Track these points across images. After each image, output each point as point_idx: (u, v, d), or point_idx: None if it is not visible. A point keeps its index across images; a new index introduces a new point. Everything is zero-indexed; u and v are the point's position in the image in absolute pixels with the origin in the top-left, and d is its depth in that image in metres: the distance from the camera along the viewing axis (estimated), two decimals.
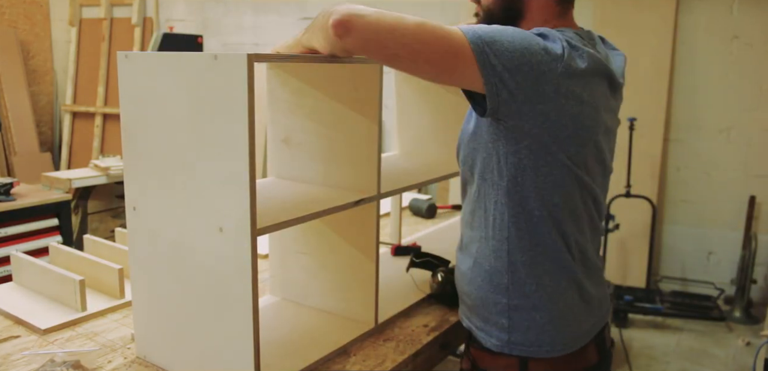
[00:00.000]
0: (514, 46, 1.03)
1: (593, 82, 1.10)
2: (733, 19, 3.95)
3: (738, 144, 4.04)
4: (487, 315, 1.22)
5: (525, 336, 1.18)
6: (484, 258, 1.20)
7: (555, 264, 1.16)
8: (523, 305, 1.17)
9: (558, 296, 1.17)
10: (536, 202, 1.13)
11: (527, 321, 1.18)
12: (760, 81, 3.93)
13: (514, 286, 1.17)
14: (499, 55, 1.02)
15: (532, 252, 1.15)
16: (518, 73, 1.02)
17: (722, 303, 4.07)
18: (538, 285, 1.16)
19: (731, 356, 3.48)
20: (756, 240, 3.92)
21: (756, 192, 4.01)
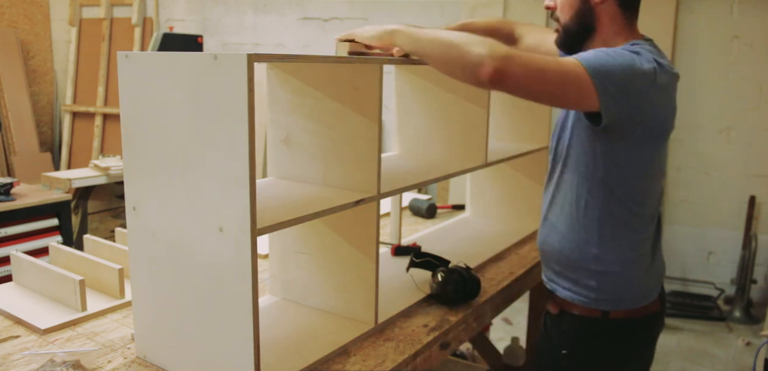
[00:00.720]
0: (623, 72, 1.27)
1: (669, 90, 1.37)
2: (733, 19, 3.95)
3: (738, 144, 4.04)
4: (576, 278, 1.50)
5: (608, 295, 1.47)
6: (572, 233, 1.48)
7: (634, 239, 1.45)
8: (608, 271, 1.46)
9: (635, 264, 1.46)
10: (623, 190, 1.40)
11: (611, 284, 1.47)
12: (760, 81, 3.93)
13: (601, 256, 1.45)
14: (612, 82, 1.26)
15: (616, 230, 1.44)
16: (625, 94, 1.28)
17: (722, 303, 4.07)
18: (620, 255, 1.45)
19: (731, 356, 3.48)
20: (756, 240, 3.92)
21: (756, 192, 4.01)
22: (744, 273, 3.91)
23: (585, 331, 1.52)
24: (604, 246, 1.45)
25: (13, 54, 5.79)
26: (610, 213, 1.43)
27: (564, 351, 1.54)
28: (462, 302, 1.57)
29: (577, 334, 1.53)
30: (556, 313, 1.57)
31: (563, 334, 1.55)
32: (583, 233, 1.47)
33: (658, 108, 1.34)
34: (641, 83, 1.29)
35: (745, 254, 3.93)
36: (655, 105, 1.33)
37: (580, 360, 1.53)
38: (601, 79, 1.24)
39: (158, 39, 3.40)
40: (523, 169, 2.29)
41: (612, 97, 1.26)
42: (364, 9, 5.04)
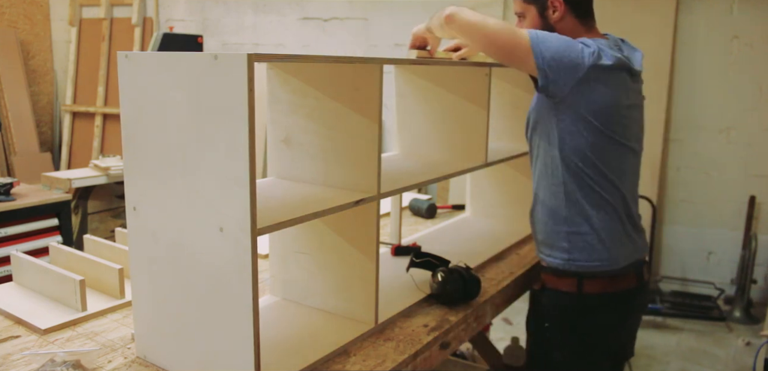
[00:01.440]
0: (559, 44, 1.52)
1: (615, 74, 1.56)
2: (733, 19, 3.95)
3: (738, 144, 4.04)
4: (552, 242, 1.68)
5: (581, 254, 1.63)
6: (547, 199, 1.67)
7: (600, 202, 1.61)
8: (577, 231, 1.63)
9: (603, 225, 1.61)
10: (579, 156, 1.59)
11: (582, 243, 1.62)
12: (760, 81, 3.93)
13: (570, 218, 1.63)
14: (547, 48, 1.51)
15: (581, 193, 1.61)
16: (559, 62, 1.50)
17: (722, 303, 4.07)
18: (588, 216, 1.61)
19: (731, 356, 3.48)
20: (756, 240, 3.92)
21: (756, 192, 4.01)
22: (744, 273, 3.91)
23: (563, 305, 1.68)
24: (571, 209, 1.63)
25: (13, 54, 5.79)
26: (574, 178, 1.61)
27: (547, 324, 1.72)
28: (462, 302, 1.57)
29: (556, 308, 1.70)
30: (538, 289, 1.76)
31: (545, 307, 1.73)
32: (554, 199, 1.65)
33: (597, 84, 1.53)
34: (578, 57, 1.51)
35: (745, 254, 3.93)
36: (593, 80, 1.53)
37: (561, 331, 1.70)
38: (538, 45, 1.50)
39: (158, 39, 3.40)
40: (523, 169, 2.29)
41: (545, 61, 1.50)
42: (364, 9, 5.04)
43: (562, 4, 1.63)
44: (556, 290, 1.69)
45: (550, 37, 1.53)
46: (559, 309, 1.70)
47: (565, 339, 1.69)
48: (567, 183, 1.62)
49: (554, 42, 1.52)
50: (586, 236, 1.62)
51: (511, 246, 2.09)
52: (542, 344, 1.77)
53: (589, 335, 1.67)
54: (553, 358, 1.72)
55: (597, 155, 1.58)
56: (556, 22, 1.64)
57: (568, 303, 1.67)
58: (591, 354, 1.69)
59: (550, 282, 1.71)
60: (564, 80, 1.52)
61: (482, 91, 1.84)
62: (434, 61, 1.76)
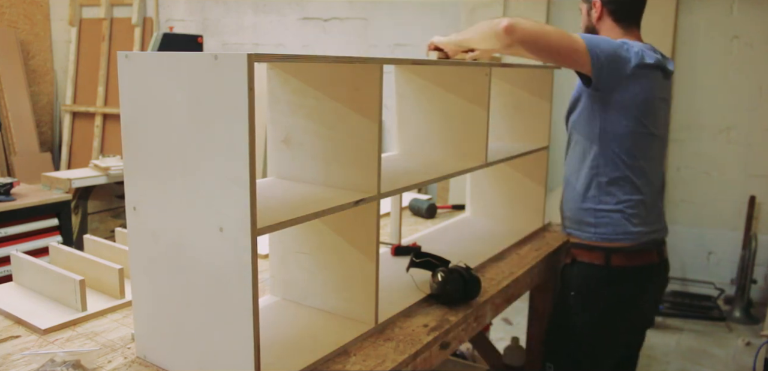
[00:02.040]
0: (610, 46, 1.75)
1: (654, 72, 1.80)
2: (733, 19, 3.95)
3: (738, 144, 4.04)
4: (580, 218, 1.90)
5: (606, 229, 1.84)
6: (579, 181, 1.89)
7: (628, 186, 1.82)
8: (604, 209, 1.84)
9: (629, 205, 1.82)
10: (617, 143, 1.80)
11: (607, 219, 1.83)
12: (760, 81, 3.93)
13: (598, 198, 1.85)
14: (601, 50, 1.73)
15: (613, 176, 1.82)
16: (613, 63, 1.74)
17: (722, 303, 4.07)
18: (616, 196, 1.83)
19: (731, 356, 3.48)
20: (756, 240, 3.92)
21: (756, 192, 4.01)
22: (744, 273, 3.91)
23: (590, 275, 1.88)
24: (600, 189, 1.84)
25: (13, 54, 5.79)
26: (608, 163, 1.82)
27: (572, 293, 1.92)
28: (462, 302, 1.57)
29: (584, 278, 1.89)
30: (569, 262, 1.94)
31: (572, 278, 1.92)
32: (585, 181, 1.86)
33: (640, 79, 1.76)
34: (624, 56, 1.75)
35: (745, 254, 3.93)
36: (637, 77, 1.76)
37: (586, 301, 1.89)
38: (593, 48, 1.71)
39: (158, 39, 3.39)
40: (523, 169, 2.29)
41: (600, 61, 1.72)
42: (364, 9, 5.04)
43: (600, 7, 1.90)
44: (585, 262, 1.88)
45: (601, 39, 1.75)
46: (587, 279, 1.89)
47: (589, 307, 1.89)
48: (600, 166, 1.83)
49: (605, 44, 1.74)
50: (612, 214, 1.83)
51: (511, 246, 2.09)
52: (565, 312, 1.95)
53: (611, 304, 1.87)
54: (574, 324, 1.91)
55: (633, 141, 1.80)
56: (596, 21, 1.92)
57: (596, 273, 1.86)
58: (611, 322, 1.89)
59: (579, 255, 1.90)
60: (614, 77, 1.74)
61: (482, 92, 1.84)
62: (434, 61, 1.76)
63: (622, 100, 1.77)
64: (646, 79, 1.77)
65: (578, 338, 1.91)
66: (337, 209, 1.26)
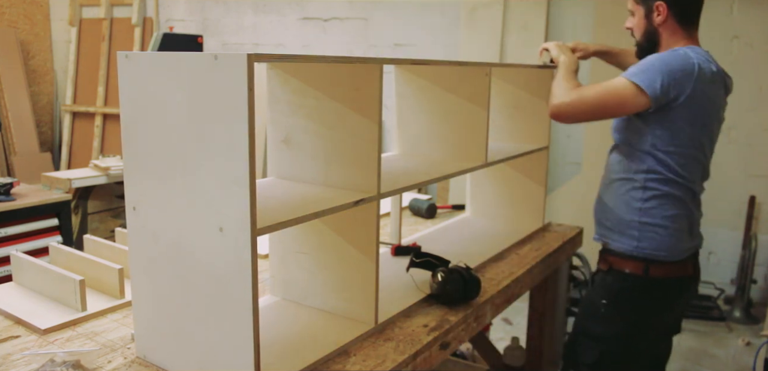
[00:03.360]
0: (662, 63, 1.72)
1: (715, 87, 1.78)
2: (733, 19, 3.95)
3: (738, 144, 4.04)
4: (623, 229, 1.86)
5: (649, 244, 1.82)
6: (626, 193, 1.85)
7: (675, 202, 1.80)
8: (649, 223, 1.81)
9: (674, 221, 1.81)
10: (671, 160, 1.77)
11: (652, 234, 1.81)
12: (760, 81, 3.93)
13: (645, 211, 1.82)
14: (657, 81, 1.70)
15: (661, 191, 1.80)
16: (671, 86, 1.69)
17: (722, 303, 4.07)
18: (662, 212, 1.80)
19: (731, 356, 3.48)
20: (756, 240, 3.92)
21: (756, 192, 4.01)
22: (744, 273, 3.91)
23: (628, 285, 1.86)
24: (647, 203, 1.81)
25: (13, 54, 5.79)
26: (658, 178, 1.79)
27: (604, 301, 1.88)
28: (462, 302, 1.57)
29: (621, 287, 1.87)
30: (606, 269, 1.91)
31: (607, 287, 1.89)
32: (632, 192, 1.83)
33: (697, 94, 1.71)
34: (681, 72, 1.69)
35: (745, 254, 3.93)
36: (695, 91, 1.70)
37: (620, 310, 1.87)
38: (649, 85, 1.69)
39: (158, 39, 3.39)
40: (523, 169, 2.29)
41: (657, 94, 1.69)
42: (364, 9, 5.04)
43: (666, 10, 1.80)
44: (624, 271, 1.86)
45: (651, 67, 1.71)
46: (624, 288, 1.86)
47: (622, 316, 1.87)
48: (650, 181, 1.80)
49: (655, 61, 1.71)
50: (657, 228, 1.80)
51: (511, 246, 2.09)
52: (594, 320, 1.91)
53: (645, 314, 1.87)
54: (603, 333, 1.88)
55: (685, 159, 1.78)
56: (658, 25, 1.82)
57: (634, 283, 1.85)
58: (642, 332, 1.89)
59: (616, 263, 1.88)
60: (674, 97, 1.70)
61: (482, 92, 1.84)
62: (434, 61, 1.76)
63: (679, 116, 1.73)
64: (703, 88, 1.72)
65: (607, 347, 1.87)
66: (337, 209, 1.26)
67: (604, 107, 1.76)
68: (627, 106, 1.73)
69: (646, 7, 1.85)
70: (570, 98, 1.77)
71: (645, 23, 1.86)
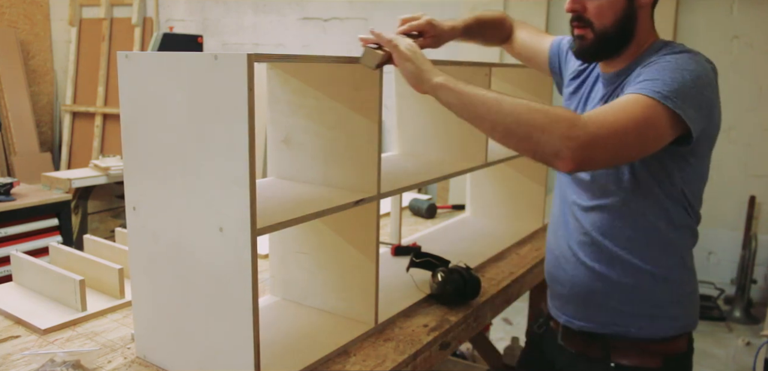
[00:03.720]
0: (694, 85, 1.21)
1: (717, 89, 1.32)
2: (733, 19, 3.95)
3: (738, 144, 4.04)
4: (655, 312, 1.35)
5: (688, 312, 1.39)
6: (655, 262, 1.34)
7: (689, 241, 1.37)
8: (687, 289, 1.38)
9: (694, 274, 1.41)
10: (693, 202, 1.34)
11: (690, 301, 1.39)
12: (760, 81, 3.93)
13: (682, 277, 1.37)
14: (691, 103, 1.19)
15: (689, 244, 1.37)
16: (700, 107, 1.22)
17: (722, 303, 4.07)
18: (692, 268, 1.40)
19: (731, 356, 3.48)
20: (756, 240, 3.92)
21: (756, 192, 4.01)
22: (744, 273, 3.91)
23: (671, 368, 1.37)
24: (684, 265, 1.36)
25: (13, 54, 5.79)
26: (686, 229, 1.34)
27: None
28: (462, 302, 1.57)
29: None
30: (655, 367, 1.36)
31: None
32: (664, 259, 1.33)
33: (716, 110, 1.31)
34: (709, 92, 1.25)
35: (745, 254, 3.93)
36: (716, 107, 1.30)
37: None
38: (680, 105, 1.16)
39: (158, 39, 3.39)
40: (523, 169, 2.29)
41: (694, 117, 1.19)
42: (364, 9, 5.04)
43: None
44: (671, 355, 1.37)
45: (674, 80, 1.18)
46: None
47: None
48: (681, 237, 1.35)
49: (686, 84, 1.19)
50: (693, 293, 1.39)
51: (511, 246, 2.09)
52: None
53: None
54: None
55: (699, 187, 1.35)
56: (641, 7, 1.33)
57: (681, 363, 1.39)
58: None
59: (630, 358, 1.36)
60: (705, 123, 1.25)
61: None
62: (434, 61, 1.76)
63: (705, 143, 1.31)
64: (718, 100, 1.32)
65: None
66: (337, 209, 1.26)
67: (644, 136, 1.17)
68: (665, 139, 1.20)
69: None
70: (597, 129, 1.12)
71: (623, 4, 1.30)
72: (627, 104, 1.16)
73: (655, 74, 1.20)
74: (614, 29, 1.31)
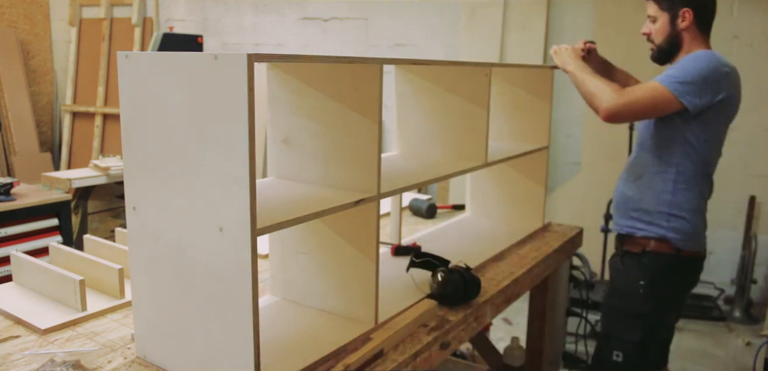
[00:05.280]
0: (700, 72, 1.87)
1: (734, 79, 1.93)
2: (733, 19, 3.95)
3: (738, 144, 4.04)
4: (652, 220, 2.00)
5: (677, 234, 1.97)
6: (656, 184, 2.00)
7: (699, 194, 1.99)
8: (677, 215, 1.97)
9: (697, 213, 1.99)
10: (698, 156, 1.95)
11: (679, 225, 1.97)
12: (760, 81, 3.93)
13: (675, 202, 1.97)
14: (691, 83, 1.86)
15: (689, 184, 1.97)
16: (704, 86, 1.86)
17: (722, 303, 4.07)
18: (687, 204, 1.97)
19: (731, 356, 3.48)
20: (756, 240, 3.92)
21: (756, 192, 4.01)
22: (744, 273, 3.91)
23: (662, 265, 2.00)
24: (677, 196, 1.96)
25: (13, 54, 5.79)
26: (685, 172, 1.95)
27: (642, 282, 2.01)
28: (462, 302, 1.57)
29: (656, 267, 2.00)
30: (638, 252, 2.03)
31: (643, 268, 2.02)
32: (661, 185, 1.98)
33: (726, 93, 1.88)
34: (715, 76, 1.86)
35: (745, 254, 3.93)
36: (724, 90, 1.88)
37: (655, 289, 2.01)
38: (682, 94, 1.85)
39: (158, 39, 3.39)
40: (523, 169, 2.29)
41: (692, 95, 1.84)
42: (364, 9, 5.05)
43: (691, 15, 1.96)
44: (658, 252, 1.99)
45: (686, 72, 1.86)
46: (659, 268, 2.00)
47: (659, 294, 2.02)
48: (679, 177, 1.96)
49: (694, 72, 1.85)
50: (683, 221, 1.96)
51: (511, 246, 2.09)
52: (634, 301, 2.02)
53: (677, 290, 2.06)
54: (644, 312, 2.01)
55: (712, 153, 1.98)
56: (682, 29, 1.97)
57: (668, 262, 1.99)
58: (673, 306, 2.09)
59: (648, 245, 2.01)
60: (708, 101, 1.87)
61: (482, 92, 1.84)
62: (434, 61, 1.76)
63: (712, 114, 1.89)
64: (729, 86, 1.89)
65: (649, 323, 2.02)
66: (337, 209, 1.26)
67: (655, 109, 1.89)
68: (671, 108, 1.87)
69: (672, 13, 1.98)
70: (624, 100, 1.87)
71: (669, 28, 1.99)
72: (647, 86, 1.90)
73: (672, 70, 1.91)
74: (665, 45, 2.02)
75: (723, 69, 1.88)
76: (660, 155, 1.98)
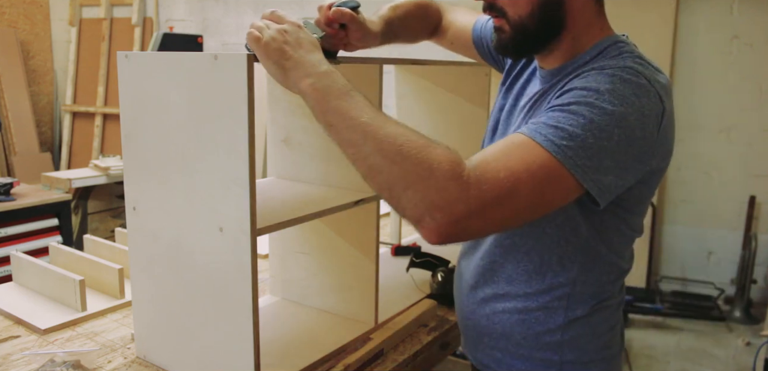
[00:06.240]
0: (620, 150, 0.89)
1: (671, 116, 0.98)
2: (733, 19, 3.95)
3: (738, 144, 4.04)
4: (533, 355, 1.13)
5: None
6: (536, 302, 1.11)
7: (618, 309, 1.16)
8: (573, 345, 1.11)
9: (607, 348, 1.15)
10: (611, 242, 1.06)
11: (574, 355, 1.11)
12: (760, 81, 3.93)
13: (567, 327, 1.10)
14: (601, 164, 0.89)
15: (594, 293, 1.10)
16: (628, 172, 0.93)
17: (722, 303, 4.07)
18: (604, 339, 1.13)
19: (731, 356, 3.48)
20: (756, 240, 3.92)
21: (756, 192, 4.01)
22: (744, 273, 3.91)
23: None
24: (572, 324, 1.09)
25: (13, 54, 5.79)
26: (588, 273, 1.07)
27: None
28: None
29: None
30: None
31: None
32: (547, 300, 1.09)
33: (658, 148, 0.95)
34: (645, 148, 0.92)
35: (745, 254, 3.93)
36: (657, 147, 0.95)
37: None
38: (585, 172, 0.88)
39: (158, 39, 3.39)
40: None
41: (605, 183, 0.91)
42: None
43: None
44: None
45: (597, 150, 0.88)
46: None
47: None
48: (577, 281, 1.09)
49: (597, 144, 0.88)
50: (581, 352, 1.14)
51: None
52: None
53: None
54: None
55: (629, 235, 1.10)
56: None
57: None
58: None
59: None
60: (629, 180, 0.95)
61: (482, 92, 1.84)
62: (434, 61, 1.76)
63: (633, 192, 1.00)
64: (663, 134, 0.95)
65: None
66: (337, 209, 1.26)
67: (542, 198, 0.92)
68: (571, 196, 0.93)
69: None
70: (469, 202, 0.93)
71: None
72: (512, 145, 0.97)
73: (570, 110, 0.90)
74: (532, 21, 1.01)
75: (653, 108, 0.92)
76: (546, 247, 1.07)
